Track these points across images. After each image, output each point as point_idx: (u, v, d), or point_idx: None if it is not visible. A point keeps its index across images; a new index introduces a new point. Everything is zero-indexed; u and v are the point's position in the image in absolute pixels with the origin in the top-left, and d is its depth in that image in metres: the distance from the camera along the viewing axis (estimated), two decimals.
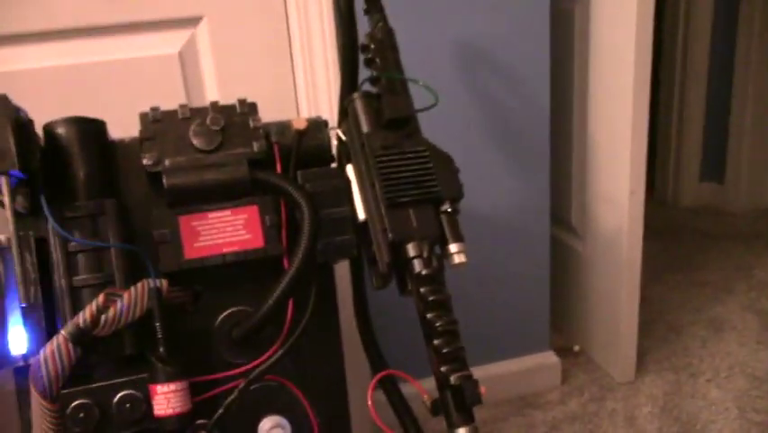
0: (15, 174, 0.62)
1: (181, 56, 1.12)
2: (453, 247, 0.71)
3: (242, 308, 0.74)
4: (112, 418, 0.66)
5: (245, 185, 0.71)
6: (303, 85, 1.17)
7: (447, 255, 0.71)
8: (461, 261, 0.71)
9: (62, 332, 0.63)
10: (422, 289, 0.68)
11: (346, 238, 0.75)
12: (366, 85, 0.82)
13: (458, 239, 0.71)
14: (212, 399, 0.71)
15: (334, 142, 0.80)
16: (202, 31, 1.12)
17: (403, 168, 0.72)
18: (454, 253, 0.71)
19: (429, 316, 0.68)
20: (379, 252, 0.70)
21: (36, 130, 0.66)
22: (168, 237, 0.70)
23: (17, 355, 0.65)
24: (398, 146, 0.73)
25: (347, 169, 0.76)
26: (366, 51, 0.82)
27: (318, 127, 0.77)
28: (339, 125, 0.82)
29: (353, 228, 0.75)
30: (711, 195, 2.74)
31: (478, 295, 1.40)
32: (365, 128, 0.75)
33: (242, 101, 0.74)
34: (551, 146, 1.37)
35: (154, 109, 0.71)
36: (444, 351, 0.66)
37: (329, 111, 1.17)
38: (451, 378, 0.66)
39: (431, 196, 0.72)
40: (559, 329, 1.74)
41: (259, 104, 0.74)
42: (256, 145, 0.72)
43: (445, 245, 0.71)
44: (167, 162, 0.70)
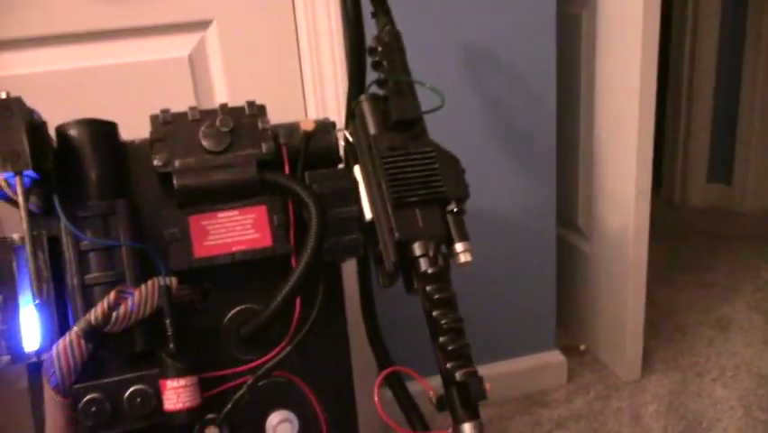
0: (29, 174, 0.63)
1: (191, 59, 1.13)
2: (459, 246, 0.71)
3: (251, 305, 0.75)
4: (123, 412, 0.67)
5: (254, 185, 0.72)
6: (311, 87, 1.18)
7: (453, 254, 0.72)
8: (466, 260, 0.71)
9: (74, 328, 0.64)
10: (428, 287, 0.69)
11: (353, 237, 0.76)
12: (373, 87, 0.83)
13: (464, 238, 0.72)
14: (221, 394, 0.73)
15: (342, 143, 0.81)
16: (212, 34, 1.13)
17: (409, 168, 0.73)
18: (460, 253, 0.71)
19: (435, 313, 0.68)
20: (386, 251, 0.71)
21: (49, 132, 0.67)
22: (178, 236, 0.71)
23: (30, 352, 0.66)
24: (405, 147, 0.74)
25: (355, 170, 0.77)
26: (373, 54, 0.83)
27: (326, 129, 0.78)
28: (346, 127, 0.82)
29: (360, 228, 0.76)
30: (719, 196, 2.73)
31: (484, 294, 1.40)
32: (372, 130, 0.76)
33: (251, 103, 0.74)
34: (557, 147, 1.37)
35: (164, 111, 0.72)
36: (450, 348, 0.67)
37: (337, 113, 1.17)
38: (456, 374, 0.66)
39: (437, 196, 0.72)
40: (565, 328, 1.74)
41: (267, 106, 0.75)
42: (264, 146, 0.73)
43: (451, 245, 0.72)
44: (177, 163, 0.71)
